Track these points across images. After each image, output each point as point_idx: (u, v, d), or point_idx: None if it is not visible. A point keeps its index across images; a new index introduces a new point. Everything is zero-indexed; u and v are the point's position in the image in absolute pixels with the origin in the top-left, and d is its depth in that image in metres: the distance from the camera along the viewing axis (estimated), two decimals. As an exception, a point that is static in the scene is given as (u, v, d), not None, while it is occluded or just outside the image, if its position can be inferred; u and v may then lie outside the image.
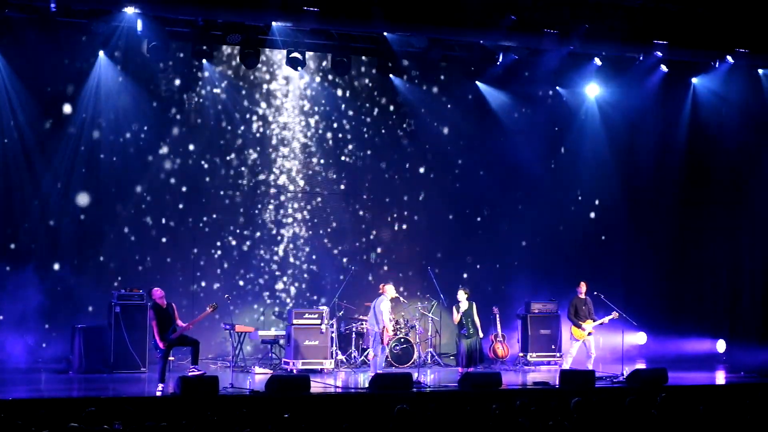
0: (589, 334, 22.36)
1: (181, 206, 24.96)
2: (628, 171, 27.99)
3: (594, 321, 22.37)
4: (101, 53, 23.63)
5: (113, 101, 24.10)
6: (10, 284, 22.89)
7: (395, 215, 26.74)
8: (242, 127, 25.51)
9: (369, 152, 26.55)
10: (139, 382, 20.96)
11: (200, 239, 25.12)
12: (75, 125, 23.81)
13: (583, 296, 22.69)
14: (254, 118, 25.64)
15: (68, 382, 21.14)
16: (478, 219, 27.33)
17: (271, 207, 25.74)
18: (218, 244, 25.28)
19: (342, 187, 26.35)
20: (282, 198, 25.85)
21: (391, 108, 26.70)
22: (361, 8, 23.00)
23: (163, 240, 24.78)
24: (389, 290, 21.55)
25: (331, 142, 26.26)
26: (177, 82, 24.85)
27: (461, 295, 21.96)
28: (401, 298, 22.57)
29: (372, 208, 26.58)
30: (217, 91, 25.22)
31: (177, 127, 24.92)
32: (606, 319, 22.41)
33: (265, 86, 25.73)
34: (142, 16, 22.39)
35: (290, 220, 25.90)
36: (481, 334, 22.17)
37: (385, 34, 24.15)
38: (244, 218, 25.53)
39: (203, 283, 25.00)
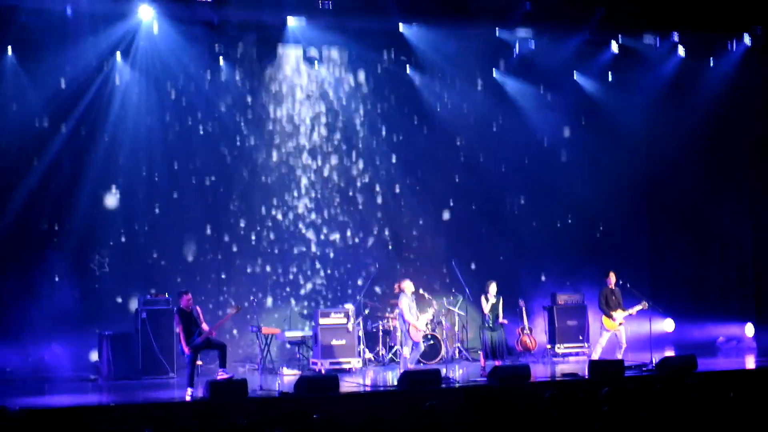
0: (620, 324, 22.30)
1: (204, 209, 24.90)
2: (649, 155, 27.86)
3: (624, 311, 22.31)
4: (118, 55, 23.61)
5: (131, 103, 24.06)
6: (37, 292, 22.93)
7: (417, 209, 26.63)
8: (262, 126, 25.47)
9: (389, 146, 26.45)
10: (168, 387, 20.93)
11: (225, 242, 25.05)
12: (94, 128, 23.77)
13: (612, 286, 22.61)
14: (273, 115, 25.58)
15: (97, 389, 21.15)
16: (500, 209, 27.20)
17: (294, 206, 25.68)
18: (243, 246, 25.21)
19: (363, 182, 26.25)
20: (304, 197, 25.77)
21: (409, 101, 26.57)
22: (375, 2, 22.96)
23: (188, 243, 24.69)
24: (405, 287, 21.43)
25: (350, 137, 26.17)
26: (194, 82, 24.75)
27: (492, 287, 21.91)
28: (426, 295, 22.54)
29: (393, 203, 26.49)
30: (234, 89, 25.17)
31: (197, 128, 24.84)
32: (634, 310, 22.34)
33: (282, 83, 25.65)
34: (158, 18, 22.47)
35: (312, 219, 25.81)
36: (502, 320, 22.07)
37: (400, 27, 24.16)
38: (268, 219, 25.46)
39: (228, 286, 24.93)
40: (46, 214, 23.48)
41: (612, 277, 22.70)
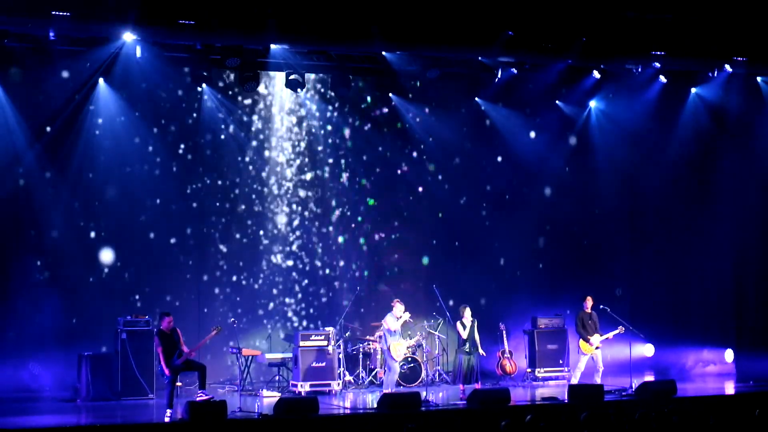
0: (597, 348, 22.37)
1: (186, 231, 24.90)
2: (630, 182, 27.94)
3: (601, 335, 22.39)
4: (101, 80, 23.63)
5: (113, 128, 24.07)
6: (17, 312, 22.92)
7: (398, 234, 26.67)
8: (244, 150, 25.48)
9: (372, 171, 26.51)
10: (148, 409, 20.88)
11: (206, 264, 25.05)
12: (75, 152, 23.77)
13: (589, 310, 22.71)
14: (255, 140, 25.60)
15: (76, 410, 21.04)
16: (482, 234, 27.23)
17: (275, 230, 25.68)
18: (224, 268, 25.19)
19: (345, 208, 26.28)
20: (285, 221, 25.79)
21: (393, 127, 26.65)
22: (358, 28, 22.99)
23: (169, 265, 24.67)
24: (395, 306, 21.67)
25: (333, 162, 26.21)
26: (177, 107, 24.81)
27: (467, 312, 21.98)
28: (406, 318, 22.54)
29: (375, 228, 26.51)
30: (217, 114, 25.18)
31: (179, 152, 24.87)
32: (611, 334, 22.46)
33: (265, 108, 25.69)
34: (140, 42, 22.44)
35: (294, 242, 25.82)
36: (482, 352, 22.19)
37: (384, 53, 24.21)
38: (249, 241, 25.47)
39: (209, 308, 24.89)
40: (30, 239, 23.47)
41: (589, 301, 22.80)
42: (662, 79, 26.04)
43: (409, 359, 23.48)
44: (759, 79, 26.65)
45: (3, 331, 22.80)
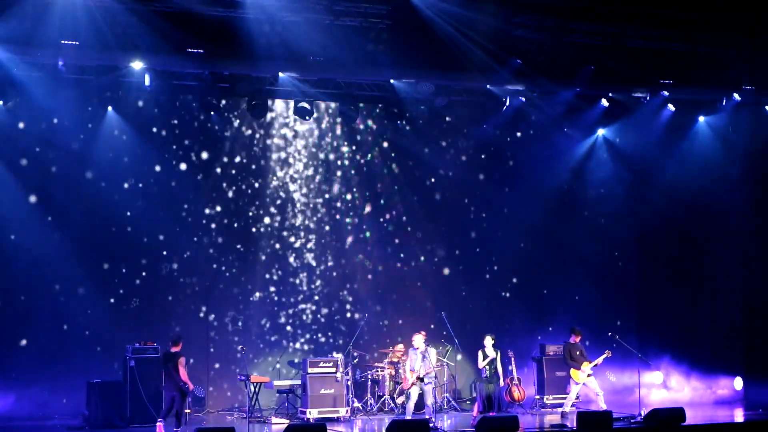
0: (589, 375, 22.32)
1: (196, 258, 24.94)
2: (639, 209, 27.97)
3: (590, 362, 22.33)
4: (110, 108, 23.78)
5: (122, 156, 24.20)
6: (26, 338, 23.01)
7: (405, 261, 26.68)
8: (253, 178, 25.55)
9: (378, 199, 26.55)
10: (155, 435, 20.93)
11: (214, 290, 25.08)
12: (85, 180, 23.90)
13: (575, 342, 22.64)
14: (264, 167, 25.67)
15: (84, 437, 21.13)
16: (489, 262, 27.26)
17: (284, 256, 25.72)
18: (233, 294, 25.23)
19: (352, 235, 26.31)
20: (294, 247, 25.83)
21: (400, 154, 26.70)
22: (367, 57, 23.09)
23: (177, 291, 24.73)
24: (414, 340, 21.66)
25: (341, 190, 26.25)
26: (186, 135, 24.91)
27: (488, 341, 21.96)
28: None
29: (382, 256, 26.52)
30: (226, 142, 25.28)
31: (187, 178, 24.95)
32: (599, 360, 22.33)
33: (274, 136, 25.78)
34: (149, 70, 22.55)
35: (303, 269, 25.85)
36: (502, 383, 22.18)
37: (391, 81, 24.29)
38: (258, 268, 25.50)
39: (218, 335, 24.93)
40: (41, 266, 23.51)
41: (576, 334, 22.72)
42: (670, 107, 26.08)
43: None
44: (767, 107, 26.68)
45: (12, 357, 22.85)
